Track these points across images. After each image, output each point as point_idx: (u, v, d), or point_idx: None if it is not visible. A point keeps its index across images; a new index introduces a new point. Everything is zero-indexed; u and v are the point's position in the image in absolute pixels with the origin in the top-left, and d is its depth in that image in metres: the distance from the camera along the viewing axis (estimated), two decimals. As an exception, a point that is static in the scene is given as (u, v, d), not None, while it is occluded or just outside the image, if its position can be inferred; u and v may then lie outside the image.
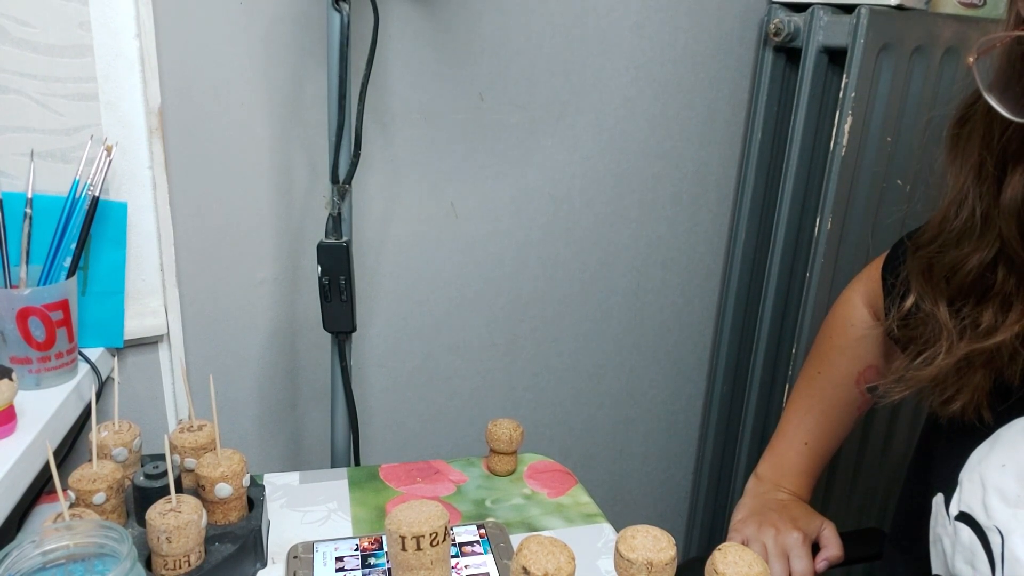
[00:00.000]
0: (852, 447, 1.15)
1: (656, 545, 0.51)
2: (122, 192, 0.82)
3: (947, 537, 0.58)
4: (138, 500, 0.61)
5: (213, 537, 0.60)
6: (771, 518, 0.75)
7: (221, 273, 0.91)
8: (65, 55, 0.76)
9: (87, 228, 0.75)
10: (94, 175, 0.74)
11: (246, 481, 0.62)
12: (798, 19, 1.02)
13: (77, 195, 0.75)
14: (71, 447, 0.81)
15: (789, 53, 1.07)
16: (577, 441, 1.21)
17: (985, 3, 1.04)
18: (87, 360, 0.78)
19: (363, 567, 0.62)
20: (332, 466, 0.92)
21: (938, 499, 0.60)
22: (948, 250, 0.57)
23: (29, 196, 0.73)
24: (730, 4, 1.06)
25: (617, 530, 0.60)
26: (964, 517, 0.56)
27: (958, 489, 0.57)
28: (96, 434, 0.63)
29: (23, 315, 0.70)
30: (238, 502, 0.62)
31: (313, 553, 0.64)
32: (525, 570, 0.49)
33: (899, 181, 1.02)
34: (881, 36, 0.93)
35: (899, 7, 0.94)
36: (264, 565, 0.63)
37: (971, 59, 0.48)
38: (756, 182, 1.12)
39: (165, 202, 0.84)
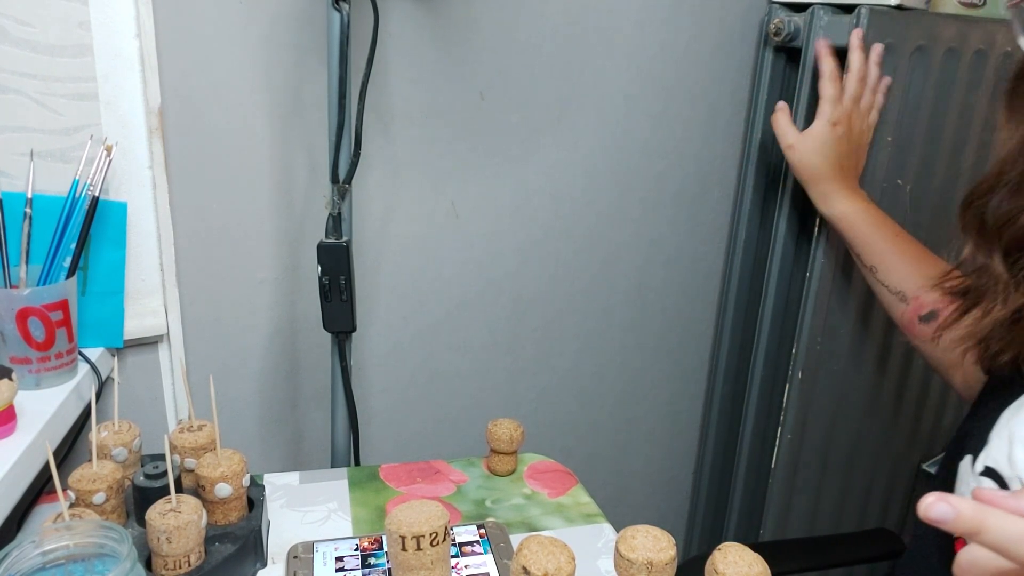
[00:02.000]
0: (855, 450, 1.16)
1: (656, 545, 0.51)
2: (122, 192, 0.82)
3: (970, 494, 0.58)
4: (138, 500, 0.61)
5: (213, 537, 0.60)
6: None
7: (221, 273, 0.91)
8: (65, 55, 0.76)
9: (87, 228, 0.75)
10: (94, 175, 0.74)
11: (246, 481, 0.62)
12: (798, 19, 1.01)
13: (77, 195, 0.75)
14: (71, 447, 0.81)
15: (789, 53, 1.07)
16: (578, 441, 1.21)
17: (985, 3, 1.04)
18: (87, 360, 0.78)
19: (363, 567, 0.62)
20: (332, 466, 0.92)
21: (965, 461, 0.60)
22: (1003, 202, 0.57)
23: (29, 196, 0.73)
24: (730, 4, 1.06)
25: (617, 530, 0.59)
26: (989, 472, 0.56)
27: (986, 447, 0.57)
28: (96, 434, 0.63)
29: (23, 315, 0.70)
30: (238, 502, 0.62)
31: (313, 553, 0.64)
32: (525, 570, 0.49)
33: (899, 181, 1.02)
34: (881, 36, 0.93)
35: (899, 7, 0.94)
36: (264, 565, 0.63)
37: (1013, 2, 0.48)
38: (757, 181, 1.12)
39: (165, 202, 0.84)
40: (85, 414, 0.78)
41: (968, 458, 0.60)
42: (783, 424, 1.09)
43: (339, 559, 0.63)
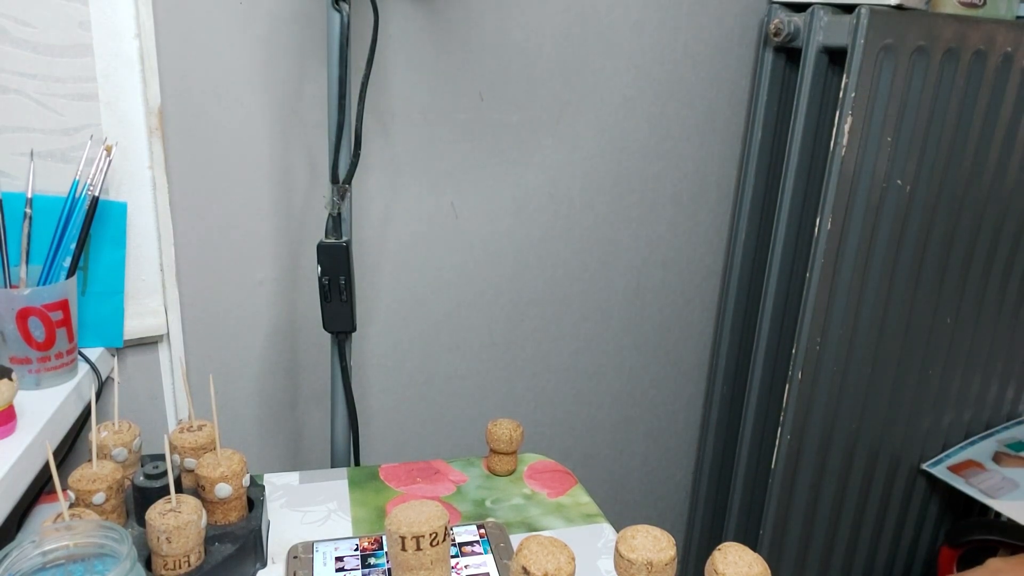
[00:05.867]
0: (855, 450, 1.16)
1: (656, 545, 0.51)
2: (122, 192, 0.82)
3: None
4: (138, 500, 0.61)
5: (213, 537, 0.60)
6: None
7: (221, 273, 0.91)
8: (65, 55, 0.76)
9: (87, 228, 0.75)
10: (94, 175, 0.74)
11: (246, 481, 0.62)
12: (798, 19, 1.02)
13: (77, 195, 0.75)
14: (71, 447, 0.81)
15: (789, 53, 1.07)
16: (577, 441, 1.21)
17: (985, 3, 1.04)
18: (87, 360, 0.78)
19: (363, 567, 0.62)
20: (332, 466, 0.92)
21: None
22: None
23: (29, 196, 0.73)
24: (730, 4, 1.06)
25: (617, 530, 0.60)
26: None
27: None
28: (96, 434, 0.63)
29: (23, 315, 0.70)
30: (238, 502, 0.62)
31: (313, 553, 0.64)
32: (525, 570, 0.49)
33: (899, 181, 1.02)
34: (881, 36, 0.93)
35: (899, 7, 0.94)
36: (264, 565, 0.63)
37: None
38: (756, 182, 1.12)
39: (165, 202, 0.84)
40: (85, 414, 0.78)
41: None
42: (783, 424, 1.09)
43: (339, 559, 0.63)
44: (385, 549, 0.64)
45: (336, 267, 0.81)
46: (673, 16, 1.04)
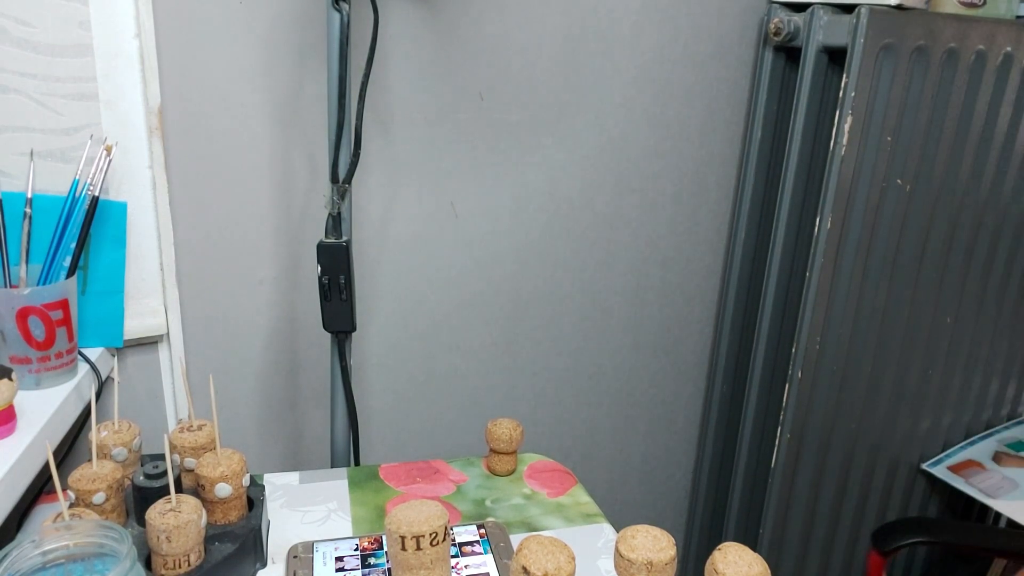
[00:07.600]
0: (854, 450, 1.16)
1: (656, 545, 0.51)
2: (122, 192, 0.82)
3: None
4: (138, 500, 0.61)
5: (213, 537, 0.60)
6: None
7: (221, 273, 0.91)
8: (65, 55, 0.76)
9: (87, 228, 0.75)
10: (94, 175, 0.75)
11: (246, 481, 0.62)
12: (798, 19, 1.02)
13: (77, 195, 0.75)
14: (71, 447, 0.81)
15: (789, 53, 1.07)
16: (577, 441, 1.21)
17: (985, 3, 1.04)
18: (87, 360, 0.78)
19: (363, 567, 0.62)
20: (332, 466, 0.92)
21: None
22: None
23: (29, 196, 0.73)
24: (730, 4, 1.06)
25: (617, 530, 0.60)
26: None
27: None
28: (96, 434, 0.63)
29: (23, 315, 0.70)
30: (238, 502, 0.62)
31: (313, 553, 0.64)
32: (525, 570, 0.49)
33: (899, 181, 1.02)
34: (881, 36, 0.93)
35: (899, 7, 0.94)
36: (264, 565, 0.63)
37: None
38: (756, 182, 1.12)
39: (165, 202, 0.84)
40: (85, 414, 0.78)
41: None
42: (783, 424, 1.09)
43: (339, 559, 0.63)
44: (385, 549, 0.64)
45: (336, 267, 0.81)
46: (673, 16, 1.04)
